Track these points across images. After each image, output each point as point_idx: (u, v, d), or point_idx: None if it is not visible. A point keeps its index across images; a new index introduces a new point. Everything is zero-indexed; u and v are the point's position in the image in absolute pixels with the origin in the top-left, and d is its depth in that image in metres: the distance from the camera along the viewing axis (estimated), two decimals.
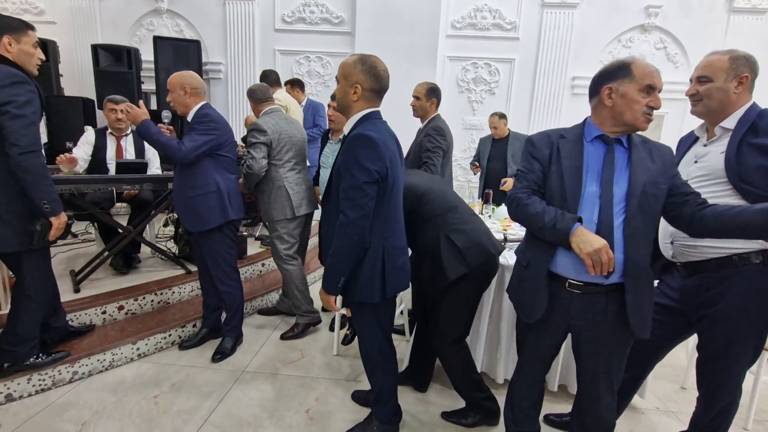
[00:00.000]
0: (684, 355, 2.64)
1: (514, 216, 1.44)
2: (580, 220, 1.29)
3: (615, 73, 1.32)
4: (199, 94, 2.38)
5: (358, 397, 2.20)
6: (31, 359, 2.09)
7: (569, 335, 1.50)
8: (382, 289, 1.59)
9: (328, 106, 2.86)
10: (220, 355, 2.52)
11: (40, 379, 2.13)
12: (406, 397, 2.22)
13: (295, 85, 4.37)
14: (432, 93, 2.83)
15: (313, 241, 3.84)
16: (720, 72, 1.48)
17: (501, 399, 2.15)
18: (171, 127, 2.49)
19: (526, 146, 1.48)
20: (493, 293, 2.20)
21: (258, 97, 2.79)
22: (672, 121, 5.29)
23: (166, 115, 2.49)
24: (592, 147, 1.38)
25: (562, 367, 2.25)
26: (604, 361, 1.41)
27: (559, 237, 1.29)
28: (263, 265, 3.73)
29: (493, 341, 2.31)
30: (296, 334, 2.85)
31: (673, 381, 2.53)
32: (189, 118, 2.37)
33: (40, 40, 2.04)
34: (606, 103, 1.34)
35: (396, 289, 1.65)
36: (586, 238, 1.24)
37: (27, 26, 1.93)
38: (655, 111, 1.32)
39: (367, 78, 1.54)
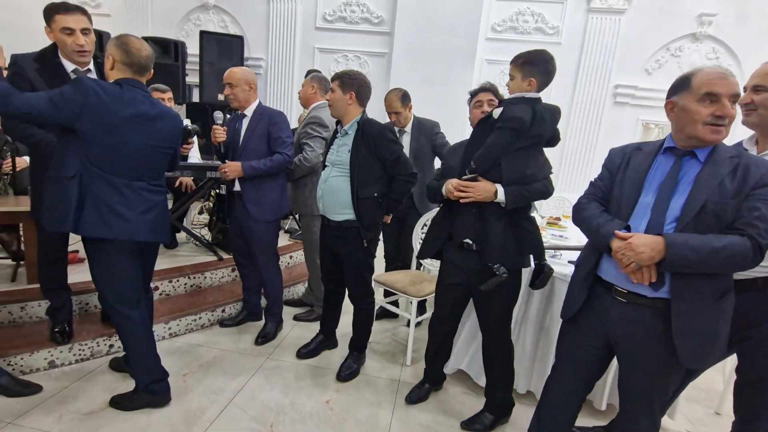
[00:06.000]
0: (720, 379, 2.51)
1: (574, 219, 1.51)
2: (628, 228, 1.29)
3: (677, 87, 1.31)
4: (256, 90, 2.52)
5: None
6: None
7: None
8: (76, 222, 1.64)
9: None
10: (263, 338, 2.66)
11: (80, 349, 2.25)
12: (428, 405, 2.22)
13: None
14: (406, 99, 2.85)
15: None
16: None
17: (521, 409, 2.13)
18: (225, 128, 2.55)
19: (606, 158, 1.53)
20: (520, 302, 2.15)
21: (324, 86, 2.82)
22: None
23: (218, 116, 2.55)
24: (663, 158, 1.36)
25: (612, 386, 2.13)
26: (643, 380, 1.35)
27: (600, 241, 1.33)
28: (290, 257, 3.81)
29: (516, 349, 2.26)
30: (308, 319, 3.01)
31: (706, 405, 2.41)
32: (248, 113, 2.47)
33: (96, 31, 2.02)
34: (670, 117, 1.33)
35: (94, 232, 1.67)
36: (622, 243, 1.25)
37: (55, 11, 1.84)
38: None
39: (118, 51, 1.69)
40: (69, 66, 1.96)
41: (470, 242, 1.83)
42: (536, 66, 1.73)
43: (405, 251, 3.07)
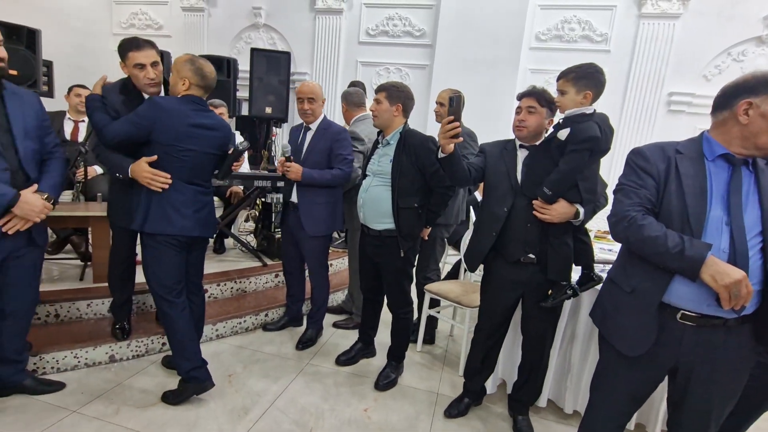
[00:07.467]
0: None
1: (623, 236, 1.28)
2: (709, 247, 1.15)
3: (758, 88, 1.15)
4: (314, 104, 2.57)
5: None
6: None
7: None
8: (144, 221, 1.90)
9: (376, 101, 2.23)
10: (303, 344, 2.72)
11: (137, 346, 2.41)
12: (467, 420, 2.18)
13: None
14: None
15: None
16: None
17: (567, 430, 2.04)
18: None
19: (633, 158, 1.33)
20: (567, 316, 2.08)
21: (354, 101, 2.88)
22: None
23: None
24: (714, 166, 1.24)
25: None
26: (718, 405, 1.26)
27: (687, 265, 1.14)
28: (331, 265, 3.88)
29: (564, 368, 2.18)
30: (347, 327, 3.04)
31: None
32: (313, 127, 2.56)
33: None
34: (740, 119, 1.17)
35: (158, 228, 1.90)
36: (722, 269, 1.10)
37: (128, 48, 1.99)
38: None
39: (195, 76, 1.92)
40: (146, 95, 2.11)
41: (533, 257, 1.80)
42: (590, 79, 1.68)
43: None
